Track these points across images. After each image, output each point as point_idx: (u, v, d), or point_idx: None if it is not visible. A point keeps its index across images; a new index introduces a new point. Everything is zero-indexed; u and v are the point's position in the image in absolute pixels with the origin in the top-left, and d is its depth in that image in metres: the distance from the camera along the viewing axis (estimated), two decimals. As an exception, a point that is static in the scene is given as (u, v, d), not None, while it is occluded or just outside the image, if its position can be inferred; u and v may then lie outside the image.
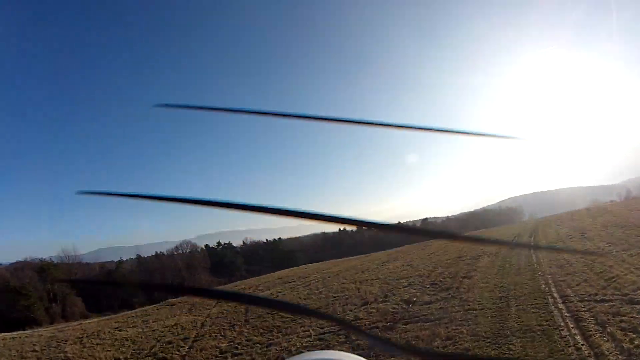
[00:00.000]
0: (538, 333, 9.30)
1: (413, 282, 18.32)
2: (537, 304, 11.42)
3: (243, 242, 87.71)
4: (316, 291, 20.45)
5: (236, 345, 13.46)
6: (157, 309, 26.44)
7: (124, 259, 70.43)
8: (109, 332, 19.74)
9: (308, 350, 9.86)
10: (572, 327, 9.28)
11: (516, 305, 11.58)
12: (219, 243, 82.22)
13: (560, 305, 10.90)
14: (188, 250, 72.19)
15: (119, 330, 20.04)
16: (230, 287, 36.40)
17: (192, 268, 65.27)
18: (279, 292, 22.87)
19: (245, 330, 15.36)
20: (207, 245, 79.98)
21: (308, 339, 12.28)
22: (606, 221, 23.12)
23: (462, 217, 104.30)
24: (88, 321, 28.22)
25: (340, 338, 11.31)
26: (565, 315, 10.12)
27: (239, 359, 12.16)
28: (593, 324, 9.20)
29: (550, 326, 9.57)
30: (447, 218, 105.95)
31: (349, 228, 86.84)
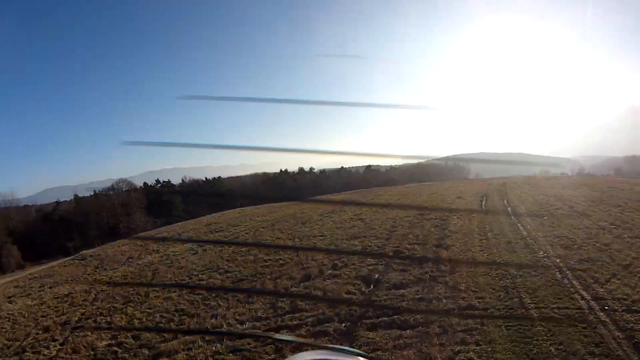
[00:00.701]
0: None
1: (369, 246, 14.23)
2: (566, 308, 7.58)
3: (182, 180, 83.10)
4: (244, 250, 15.80)
5: (115, 348, 8.70)
6: (65, 265, 21.66)
7: (62, 200, 66.56)
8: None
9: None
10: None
11: (536, 308, 7.69)
12: (157, 181, 77.16)
13: (603, 317, 7.13)
14: (125, 189, 67.00)
15: (9, 303, 15.02)
16: (152, 233, 30.94)
17: (128, 207, 60.75)
18: (198, 249, 17.93)
19: (138, 315, 10.58)
20: (145, 184, 75.15)
21: (218, 345, 7.76)
22: (591, 196, 20.33)
23: (406, 168, 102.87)
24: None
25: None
26: (621, 339, 6.34)
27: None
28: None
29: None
30: (391, 167, 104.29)
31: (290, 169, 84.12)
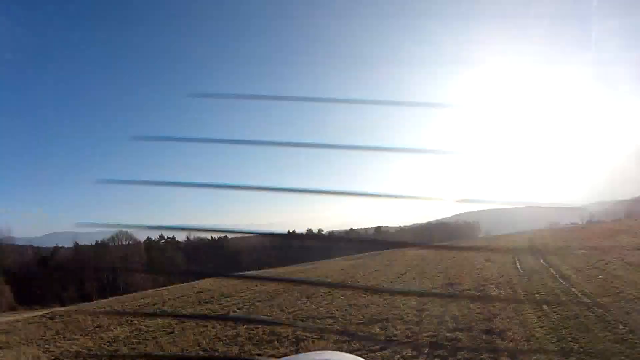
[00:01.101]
0: None
1: (395, 334, 10.70)
2: None
3: (187, 237, 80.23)
4: (230, 332, 12.28)
5: None
6: (29, 322, 19.12)
7: (67, 247, 63.19)
8: None
9: None
10: None
11: None
12: (160, 236, 74.29)
13: None
14: (125, 242, 65.23)
15: None
16: (132, 299, 27.58)
17: (127, 262, 58.43)
18: (177, 325, 14.48)
19: None
20: (148, 238, 72.20)
21: None
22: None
23: (415, 228, 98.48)
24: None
25: None
26: None
27: None
28: None
29: None
30: (401, 228, 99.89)
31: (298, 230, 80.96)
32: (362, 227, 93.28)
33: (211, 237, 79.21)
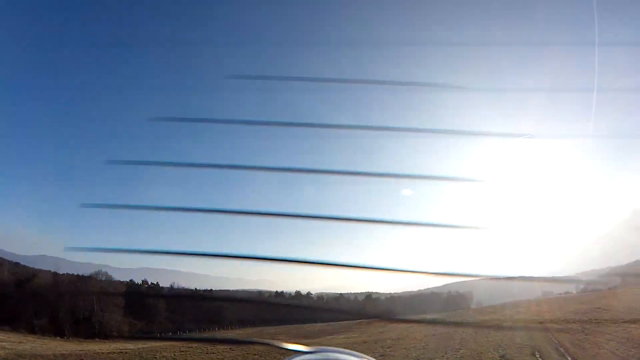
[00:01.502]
0: None
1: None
2: None
3: (171, 285, 78.83)
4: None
5: None
6: None
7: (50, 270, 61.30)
8: None
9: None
10: None
11: None
12: (144, 281, 74.08)
13: None
14: (104, 278, 64.15)
15: None
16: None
17: (103, 303, 56.60)
18: None
19: None
20: (131, 281, 71.63)
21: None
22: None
23: (405, 297, 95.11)
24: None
25: None
26: None
27: None
28: None
29: None
30: (391, 296, 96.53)
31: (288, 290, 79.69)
32: (353, 291, 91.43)
33: (196, 289, 78.26)
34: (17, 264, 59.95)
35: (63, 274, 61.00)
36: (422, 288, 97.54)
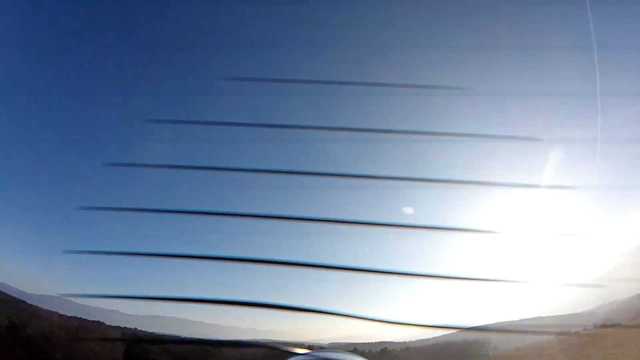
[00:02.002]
0: None
1: None
2: None
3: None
4: None
5: None
6: None
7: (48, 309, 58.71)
8: None
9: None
10: None
11: None
12: (148, 334, 70.88)
13: None
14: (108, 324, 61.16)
15: None
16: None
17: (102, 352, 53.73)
18: None
19: None
20: (135, 329, 68.42)
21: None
22: None
23: (421, 348, 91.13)
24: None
25: None
26: None
27: None
28: None
29: None
30: (407, 346, 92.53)
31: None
32: (366, 340, 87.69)
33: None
34: (23, 301, 57.00)
35: (65, 317, 58.21)
36: (437, 334, 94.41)
